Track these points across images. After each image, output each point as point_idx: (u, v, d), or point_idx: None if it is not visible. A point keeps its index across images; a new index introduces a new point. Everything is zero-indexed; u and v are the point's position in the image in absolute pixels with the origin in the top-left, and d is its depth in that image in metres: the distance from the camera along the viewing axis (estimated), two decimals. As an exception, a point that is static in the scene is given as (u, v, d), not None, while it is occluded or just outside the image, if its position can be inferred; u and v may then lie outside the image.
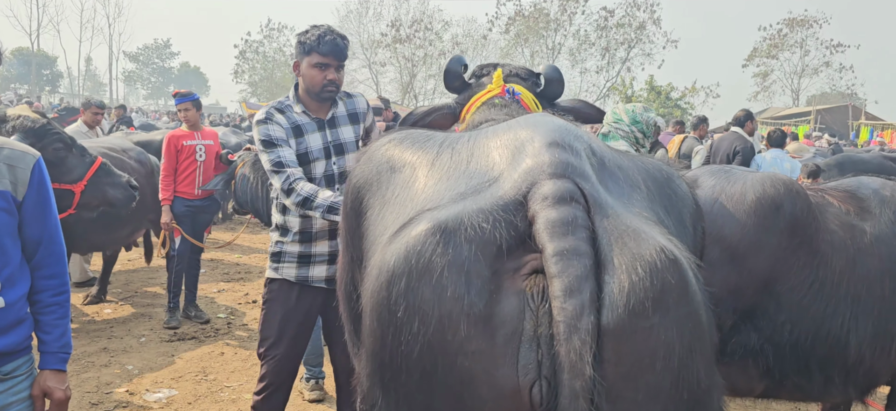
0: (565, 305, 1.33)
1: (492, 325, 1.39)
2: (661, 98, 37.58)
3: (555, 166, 1.55)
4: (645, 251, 1.41)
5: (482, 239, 1.43)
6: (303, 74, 3.37)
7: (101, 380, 5.02)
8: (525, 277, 1.43)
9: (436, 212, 1.52)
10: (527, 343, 1.39)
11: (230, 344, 6.05)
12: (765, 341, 3.26)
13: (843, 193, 3.51)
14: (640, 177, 1.82)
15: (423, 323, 1.41)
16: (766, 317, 3.24)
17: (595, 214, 1.49)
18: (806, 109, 34.92)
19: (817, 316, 3.26)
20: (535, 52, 45.65)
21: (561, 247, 1.39)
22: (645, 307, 1.36)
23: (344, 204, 2.07)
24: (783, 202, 3.21)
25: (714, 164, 3.74)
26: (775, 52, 47.56)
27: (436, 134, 1.97)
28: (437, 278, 1.40)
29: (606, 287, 1.39)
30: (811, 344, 3.28)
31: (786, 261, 3.21)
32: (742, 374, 3.43)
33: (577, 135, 1.74)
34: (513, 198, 1.51)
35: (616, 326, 1.36)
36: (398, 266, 1.45)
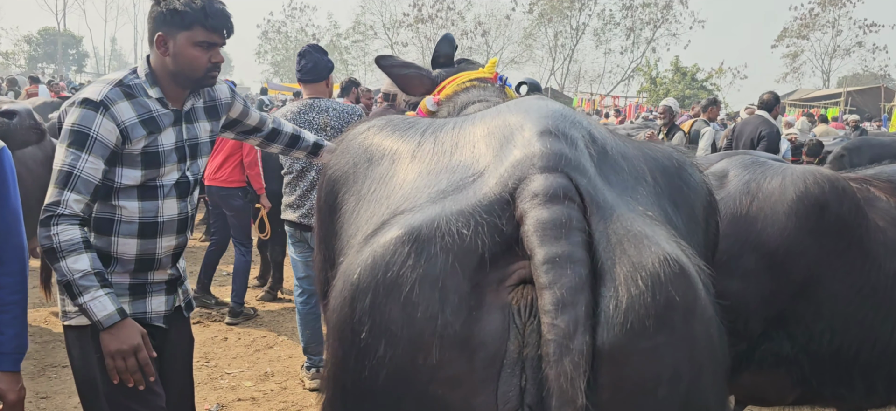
0: (556, 321, 1.16)
1: (470, 348, 1.22)
2: (686, 79, 36.85)
3: (547, 158, 1.36)
4: (647, 260, 1.24)
5: (461, 247, 1.25)
6: (176, 53, 2.50)
7: (102, 368, 4.87)
8: (511, 289, 1.25)
9: (409, 216, 1.33)
10: (509, 367, 1.22)
11: (234, 328, 5.89)
12: (799, 350, 2.98)
13: (888, 184, 3.20)
14: (647, 168, 1.61)
15: (391, 345, 1.24)
16: (802, 325, 2.96)
17: (592, 215, 1.31)
18: (836, 91, 33.99)
19: (865, 323, 2.97)
20: (559, 33, 45.09)
21: (553, 252, 1.21)
22: (646, 325, 1.19)
23: (318, 198, 1.88)
24: (829, 201, 2.90)
25: (742, 153, 3.41)
26: (806, 32, 46.39)
27: (419, 120, 1.77)
28: (408, 294, 1.23)
29: (603, 301, 1.21)
30: (855, 354, 2.99)
31: (830, 265, 2.92)
32: (773, 383, 3.16)
33: (574, 120, 1.53)
34: (498, 197, 1.32)
35: (613, 347, 1.19)
36: (364, 279, 1.28)
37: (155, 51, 2.53)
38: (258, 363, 5.15)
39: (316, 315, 4.73)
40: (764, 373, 3.12)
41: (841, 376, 3.04)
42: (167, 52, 2.51)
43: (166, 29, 2.49)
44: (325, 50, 4.74)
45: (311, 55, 4.58)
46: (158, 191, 2.54)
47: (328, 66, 4.60)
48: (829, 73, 47.45)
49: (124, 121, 2.40)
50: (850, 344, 2.96)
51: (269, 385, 4.77)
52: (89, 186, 2.31)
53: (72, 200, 2.25)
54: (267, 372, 4.97)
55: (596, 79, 46.33)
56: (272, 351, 5.41)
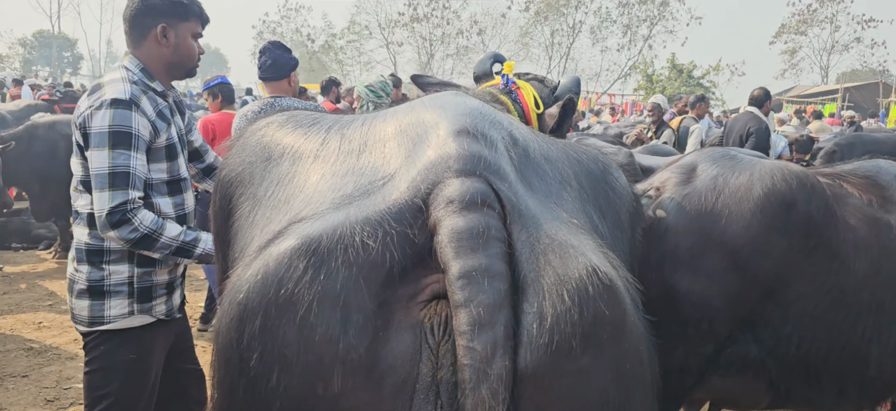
0: (473, 344, 1.05)
1: (377, 373, 1.09)
2: (682, 76, 36.69)
3: (463, 160, 1.23)
4: (573, 272, 1.12)
5: (366, 260, 1.11)
6: (177, 44, 2.64)
7: (63, 375, 4.75)
8: (423, 305, 1.13)
9: (308, 225, 1.18)
10: (423, 392, 1.10)
11: (205, 335, 5.75)
12: (767, 354, 2.85)
13: (863, 180, 3.06)
14: (573, 171, 1.50)
15: (285, 374, 1.09)
16: (770, 328, 2.83)
17: (513, 223, 1.19)
18: (834, 87, 33.85)
19: (834, 326, 2.84)
20: (555, 31, 44.90)
21: (469, 266, 1.08)
22: (572, 345, 1.08)
23: (213, 201, 1.71)
24: (796, 198, 2.77)
25: (717, 148, 3.27)
26: (804, 27, 46.21)
27: (325, 115, 1.61)
28: (304, 315, 1.07)
29: (525, 319, 1.09)
30: (824, 358, 2.86)
31: (797, 266, 2.78)
32: (743, 387, 3.02)
33: (494, 120, 1.41)
34: (409, 203, 1.18)
35: (536, 370, 1.07)
36: (253, 298, 1.11)
37: (150, 42, 2.61)
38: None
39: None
40: (733, 377, 2.98)
41: (810, 381, 2.90)
42: (168, 43, 2.63)
43: (168, 19, 2.61)
44: (287, 47, 4.59)
45: (271, 52, 4.43)
46: (182, 185, 2.70)
47: (290, 64, 4.46)
48: (827, 69, 47.30)
49: (150, 116, 2.52)
50: (819, 348, 2.82)
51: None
52: (142, 183, 2.46)
53: (137, 196, 2.41)
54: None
55: (593, 77, 46.14)
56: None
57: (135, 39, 2.65)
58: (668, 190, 2.97)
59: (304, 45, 47.48)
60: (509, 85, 3.17)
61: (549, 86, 3.35)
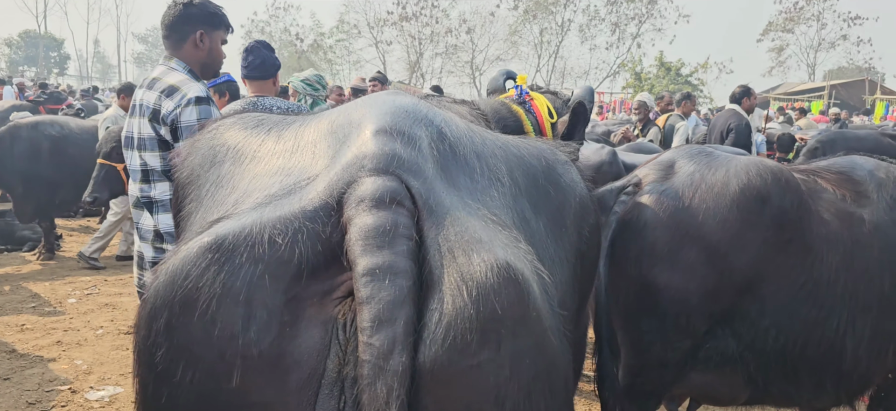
0: (372, 340, 1.06)
1: (282, 368, 1.10)
2: (670, 74, 36.84)
3: (378, 159, 1.26)
4: (476, 268, 1.13)
5: (273, 257, 1.12)
6: (210, 48, 3.20)
7: (45, 378, 4.72)
8: (338, 302, 1.14)
9: (223, 224, 1.20)
10: (328, 387, 1.11)
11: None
12: (745, 348, 2.87)
13: (838, 176, 3.09)
14: (507, 168, 1.50)
15: (190, 368, 1.11)
16: (747, 322, 2.85)
17: (425, 220, 1.21)
18: (821, 84, 34.09)
19: (809, 319, 2.87)
20: (544, 29, 44.97)
21: (373, 263, 1.10)
22: (469, 340, 1.09)
23: (173, 202, 1.76)
24: (770, 194, 2.80)
25: (695, 145, 3.30)
26: (791, 25, 46.46)
27: (271, 117, 1.63)
28: (205, 310, 1.09)
29: (427, 315, 1.11)
30: (801, 351, 2.89)
31: (773, 260, 2.81)
32: (722, 382, 3.05)
33: (423, 117, 1.43)
34: (323, 203, 1.20)
35: (433, 366, 1.09)
36: (160, 296, 1.14)
37: (188, 46, 3.13)
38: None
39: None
40: (712, 372, 3.01)
41: (788, 374, 2.93)
42: (203, 47, 3.15)
43: (205, 27, 3.15)
44: (272, 47, 4.58)
45: (258, 51, 4.41)
46: None
47: (275, 64, 4.44)
48: (814, 66, 47.59)
49: None
50: (795, 341, 2.85)
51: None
52: None
53: None
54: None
55: (582, 75, 46.23)
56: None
57: (175, 43, 3.15)
58: (647, 186, 2.99)
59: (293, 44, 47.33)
60: (523, 96, 3.22)
61: (563, 98, 3.40)
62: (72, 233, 9.66)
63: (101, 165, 6.44)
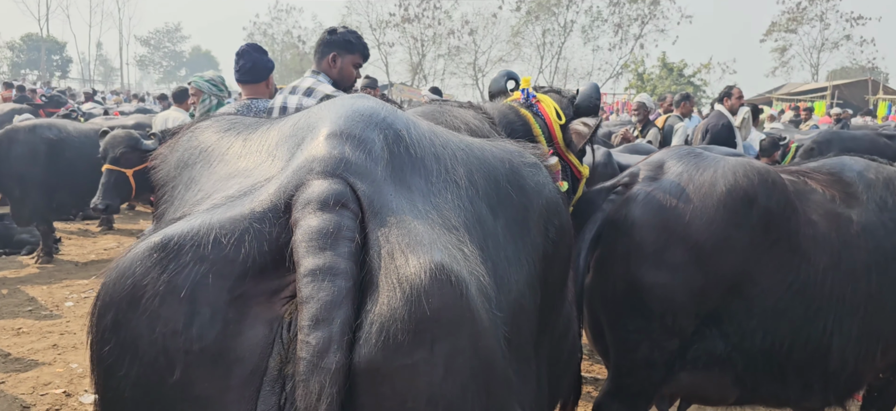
0: (309, 339, 1.08)
1: (224, 364, 1.13)
2: (673, 75, 36.79)
3: (326, 162, 1.29)
4: (413, 269, 1.15)
5: (218, 256, 1.15)
6: (340, 68, 3.82)
7: (40, 381, 4.72)
8: (285, 301, 1.16)
9: (174, 225, 1.23)
10: (269, 384, 1.13)
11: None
12: (732, 349, 2.86)
13: (827, 176, 3.08)
14: (465, 170, 1.51)
15: (135, 363, 1.14)
16: (735, 323, 2.84)
17: (369, 222, 1.23)
18: (824, 85, 33.98)
19: (796, 320, 2.86)
20: (546, 30, 44.97)
21: (314, 264, 1.13)
22: (402, 340, 1.10)
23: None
24: (757, 194, 2.79)
25: (684, 146, 3.29)
26: (794, 25, 46.39)
27: (244, 120, 1.67)
28: (148, 306, 1.13)
29: (363, 315, 1.13)
30: (788, 351, 2.88)
31: (759, 260, 2.80)
32: (711, 383, 3.04)
33: (380, 120, 1.44)
34: (272, 204, 1.23)
35: (368, 365, 1.10)
36: (108, 293, 1.18)
37: (325, 64, 3.83)
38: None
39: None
40: (700, 373, 3.00)
41: (776, 375, 2.92)
42: (335, 67, 3.82)
43: (339, 51, 3.81)
44: (264, 50, 4.58)
45: (249, 55, 4.42)
46: None
47: (267, 67, 4.45)
48: (817, 66, 47.49)
49: None
50: (782, 341, 2.84)
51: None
52: None
53: None
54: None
55: (584, 76, 46.21)
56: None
57: (317, 60, 3.85)
58: (636, 185, 2.99)
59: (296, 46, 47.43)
60: (530, 99, 3.21)
61: (568, 96, 3.39)
62: (70, 237, 9.68)
63: (109, 171, 6.20)
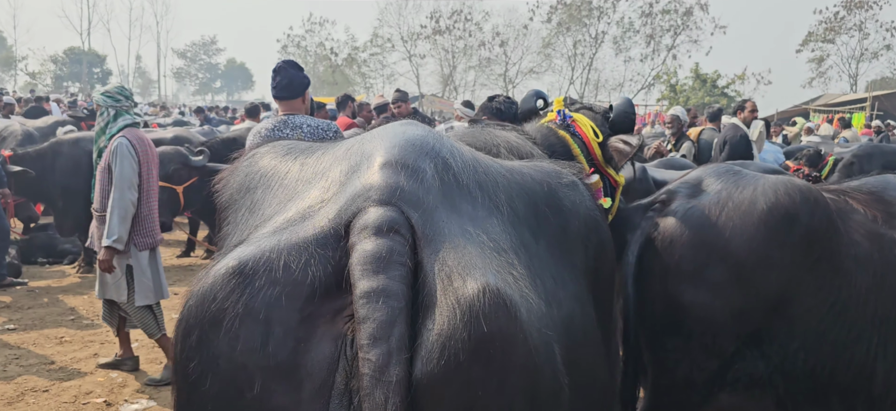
0: (369, 355, 1.17)
1: (296, 379, 1.22)
2: (706, 86, 36.36)
3: (382, 191, 1.38)
4: (469, 291, 1.24)
5: (289, 279, 1.25)
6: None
7: (82, 390, 4.84)
8: (347, 320, 1.25)
9: (244, 248, 1.33)
10: (337, 398, 1.23)
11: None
12: (774, 370, 2.82)
13: (869, 196, 3.03)
14: (506, 196, 1.60)
15: (216, 379, 1.24)
16: (777, 344, 2.80)
17: (423, 248, 1.32)
18: (863, 95, 33.22)
19: (838, 342, 2.81)
20: (577, 42, 44.80)
21: (369, 286, 1.22)
22: (460, 358, 1.20)
23: (216, 223, 1.91)
24: (799, 212, 2.75)
25: (721, 163, 3.26)
26: (832, 35, 45.46)
27: (300, 144, 1.78)
28: (229, 328, 1.23)
29: (424, 334, 1.23)
30: (830, 374, 2.83)
31: (801, 280, 2.76)
32: (752, 404, 2.99)
33: (430, 149, 1.53)
34: (332, 230, 1.33)
35: (429, 379, 1.20)
36: (191, 315, 1.28)
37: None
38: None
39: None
40: (741, 394, 2.96)
41: (818, 398, 2.87)
42: None
43: None
44: (300, 66, 4.65)
45: (286, 72, 4.49)
46: None
47: (304, 83, 4.51)
48: (856, 76, 46.47)
49: None
50: (824, 364, 2.79)
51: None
52: None
53: None
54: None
55: (616, 87, 45.91)
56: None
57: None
58: (674, 203, 2.97)
59: (328, 58, 47.95)
60: (566, 120, 3.22)
61: (601, 111, 3.39)
62: (111, 246, 9.90)
63: (161, 189, 6.14)
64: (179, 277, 8.35)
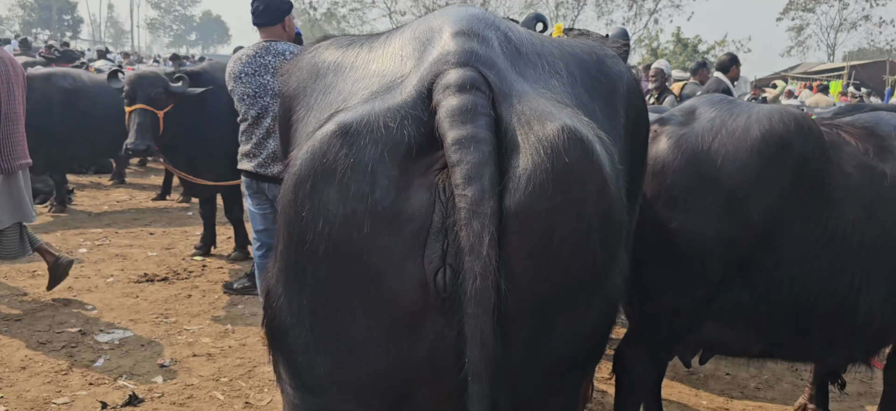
0: (465, 192, 1.34)
1: (399, 221, 1.41)
2: (687, 51, 36.41)
3: (459, 55, 1.54)
4: (549, 132, 1.42)
5: (388, 138, 1.43)
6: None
7: (56, 320, 4.75)
8: (437, 172, 1.43)
9: (343, 114, 1.50)
10: (434, 234, 1.41)
11: (199, 286, 5.74)
12: (759, 300, 2.82)
13: (861, 130, 3.02)
14: (563, 63, 1.80)
15: (328, 223, 1.42)
16: (763, 273, 2.80)
17: (500, 102, 1.49)
18: (840, 65, 33.55)
19: (824, 273, 2.81)
20: (560, 3, 44.43)
21: (460, 134, 1.39)
22: (546, 188, 1.38)
23: (278, 117, 2.10)
24: (793, 140, 2.72)
25: (716, 94, 3.22)
26: (812, 4, 45.70)
27: (358, 37, 1.96)
28: (341, 178, 1.41)
29: (510, 171, 1.40)
30: (814, 304, 2.83)
31: (791, 209, 2.75)
32: (735, 334, 3.01)
33: (491, 23, 1.71)
34: (418, 93, 1.50)
35: (517, 209, 1.38)
36: (304, 168, 1.46)
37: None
38: (219, 320, 5.00)
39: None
40: (725, 323, 2.97)
41: (800, 328, 2.88)
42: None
43: None
44: None
45: None
46: None
47: (282, 8, 4.36)
48: (834, 47, 46.90)
49: None
50: (809, 294, 2.80)
51: (227, 341, 4.62)
52: None
53: None
54: (227, 329, 4.83)
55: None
56: (235, 309, 5.26)
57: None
58: (666, 130, 2.93)
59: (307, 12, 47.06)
60: None
61: (596, 38, 3.35)
62: (83, 189, 9.70)
63: (143, 111, 5.86)
64: (155, 219, 8.21)
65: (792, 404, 4.05)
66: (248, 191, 4.46)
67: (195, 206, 8.63)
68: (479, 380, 1.36)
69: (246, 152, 4.37)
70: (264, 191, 4.37)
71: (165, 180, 9.63)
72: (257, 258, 4.54)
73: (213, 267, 6.33)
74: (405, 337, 1.45)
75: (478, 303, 1.33)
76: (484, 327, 1.34)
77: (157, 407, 3.66)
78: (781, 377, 4.46)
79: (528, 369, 1.54)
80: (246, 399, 3.81)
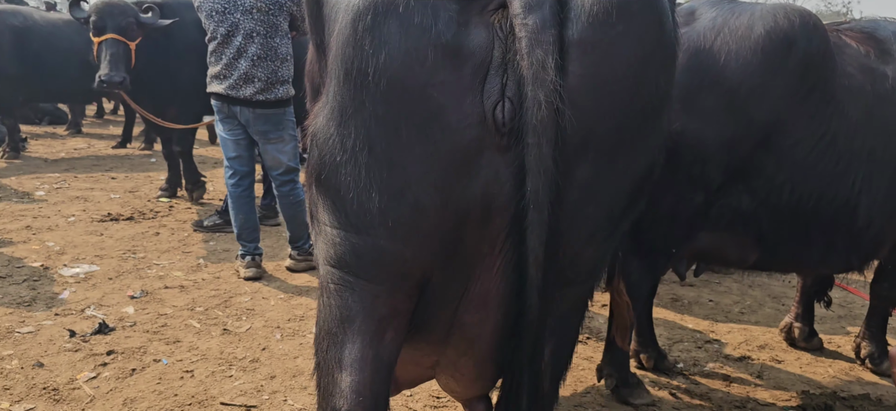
0: (526, 21, 1.35)
1: (461, 55, 1.41)
2: None
3: None
4: None
5: None
6: None
7: (15, 255, 4.49)
8: (492, 12, 1.43)
9: None
10: (494, 69, 1.41)
11: (167, 225, 5.51)
12: (759, 205, 2.76)
13: (861, 34, 2.97)
14: None
15: (390, 56, 1.41)
16: (763, 177, 2.73)
17: None
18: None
19: (825, 174, 2.76)
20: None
21: None
22: (608, 17, 1.40)
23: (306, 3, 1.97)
24: (798, 37, 2.64)
25: None
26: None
27: None
28: (403, 12, 1.40)
29: (572, 2, 1.41)
30: (814, 208, 2.79)
31: (794, 109, 2.68)
32: (732, 242, 2.95)
33: None
34: None
35: (579, 37, 1.40)
36: (363, 2, 1.44)
37: None
38: (190, 255, 4.80)
39: (247, 198, 4.39)
40: (722, 232, 2.90)
41: (799, 233, 2.83)
42: None
43: None
44: None
45: None
46: None
47: None
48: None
49: None
50: (809, 197, 2.75)
51: (201, 275, 4.44)
52: None
53: None
54: (200, 264, 4.63)
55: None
56: (207, 245, 5.06)
57: None
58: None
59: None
60: None
61: None
62: (37, 138, 9.27)
63: (115, 42, 5.49)
64: (116, 165, 7.89)
65: (775, 327, 4.06)
66: (219, 116, 4.25)
67: (159, 154, 8.31)
68: (540, 208, 1.38)
69: (216, 74, 4.15)
70: (236, 115, 4.17)
71: (126, 127, 9.25)
72: (230, 186, 4.35)
73: (180, 207, 6.08)
74: (461, 174, 1.45)
75: (541, 132, 1.34)
76: (545, 156, 1.35)
77: (129, 335, 3.48)
78: (763, 303, 4.47)
79: (584, 208, 1.54)
80: (224, 326, 3.65)
